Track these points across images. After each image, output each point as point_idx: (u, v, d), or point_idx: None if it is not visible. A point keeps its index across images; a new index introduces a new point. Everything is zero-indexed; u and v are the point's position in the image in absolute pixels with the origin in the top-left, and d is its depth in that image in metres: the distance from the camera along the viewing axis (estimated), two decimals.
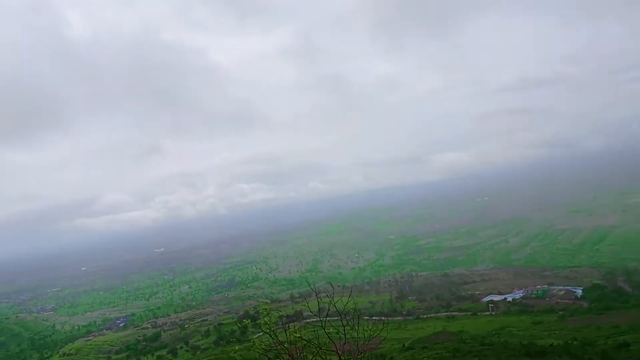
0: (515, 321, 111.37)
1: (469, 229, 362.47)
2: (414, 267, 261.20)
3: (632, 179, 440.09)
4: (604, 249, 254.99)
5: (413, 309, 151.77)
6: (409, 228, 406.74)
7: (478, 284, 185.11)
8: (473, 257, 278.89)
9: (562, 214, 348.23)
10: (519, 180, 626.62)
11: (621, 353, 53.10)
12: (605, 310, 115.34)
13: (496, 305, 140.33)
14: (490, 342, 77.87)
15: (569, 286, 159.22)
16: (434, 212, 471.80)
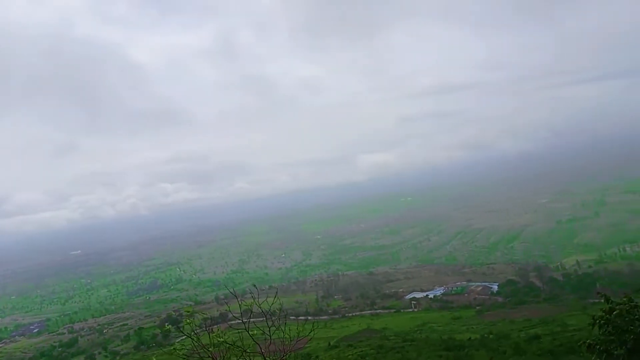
0: (436, 317, 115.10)
1: (393, 228, 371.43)
2: (340, 267, 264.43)
3: (542, 180, 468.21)
4: (518, 246, 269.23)
5: (339, 308, 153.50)
6: (335, 228, 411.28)
7: (401, 282, 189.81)
8: (397, 256, 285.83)
9: (479, 214, 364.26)
10: (440, 181, 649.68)
11: (532, 345, 56.10)
12: (519, 304, 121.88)
13: (418, 302, 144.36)
14: (413, 338, 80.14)
15: (486, 282, 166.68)
16: (359, 212, 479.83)
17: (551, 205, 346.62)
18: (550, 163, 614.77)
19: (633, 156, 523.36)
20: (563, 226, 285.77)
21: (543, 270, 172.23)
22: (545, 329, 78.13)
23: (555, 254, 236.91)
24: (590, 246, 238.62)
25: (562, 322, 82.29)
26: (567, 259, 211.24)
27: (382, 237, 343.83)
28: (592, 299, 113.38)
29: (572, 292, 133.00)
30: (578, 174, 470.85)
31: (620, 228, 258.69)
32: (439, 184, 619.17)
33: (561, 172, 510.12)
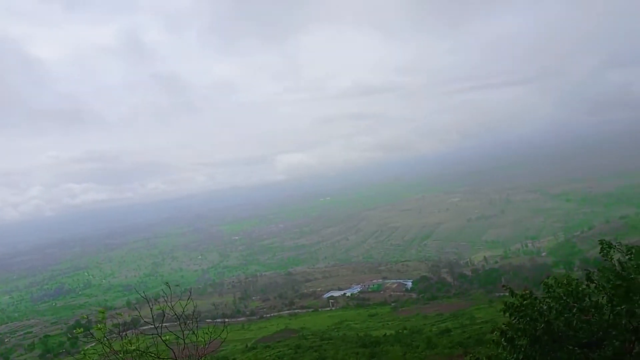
0: (353, 315, 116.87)
1: (312, 227, 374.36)
2: (259, 267, 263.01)
3: (454, 180, 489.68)
4: (431, 244, 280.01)
5: (257, 309, 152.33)
6: (253, 228, 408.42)
7: (320, 281, 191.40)
8: (315, 255, 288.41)
9: (395, 213, 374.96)
10: (358, 181, 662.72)
11: (443, 338, 58.23)
12: (431, 300, 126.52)
13: (336, 301, 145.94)
14: (330, 336, 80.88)
15: (401, 279, 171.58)
16: (278, 212, 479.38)
17: (462, 204, 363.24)
18: (462, 164, 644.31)
19: (536, 158, 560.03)
20: (473, 224, 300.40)
21: (454, 266, 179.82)
22: (456, 322, 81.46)
23: (465, 250, 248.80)
24: (497, 242, 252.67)
25: (471, 316, 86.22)
26: (476, 255, 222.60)
27: (301, 237, 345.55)
28: (497, 292, 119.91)
29: (480, 287, 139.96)
30: (487, 174, 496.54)
31: (523, 225, 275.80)
32: (358, 184, 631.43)
33: (471, 172, 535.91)
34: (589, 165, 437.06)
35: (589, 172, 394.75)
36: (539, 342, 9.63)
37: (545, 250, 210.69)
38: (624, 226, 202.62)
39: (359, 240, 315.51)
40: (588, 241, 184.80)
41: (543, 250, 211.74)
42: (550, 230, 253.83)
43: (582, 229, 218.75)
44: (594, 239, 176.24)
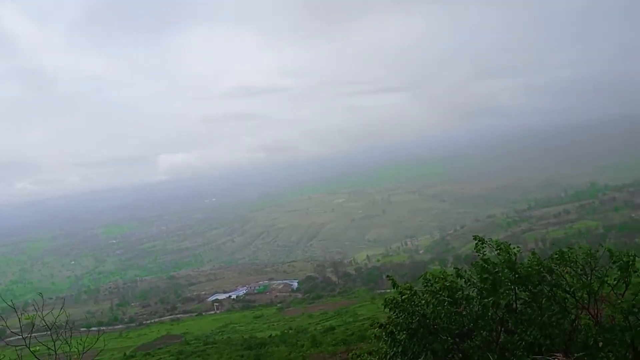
0: (238, 317, 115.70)
1: (197, 229, 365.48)
2: (138, 272, 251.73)
3: (338, 181, 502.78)
4: (316, 244, 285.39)
5: (136, 316, 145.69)
6: (133, 231, 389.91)
7: (204, 284, 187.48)
8: (200, 258, 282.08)
9: (282, 214, 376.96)
10: (244, 182, 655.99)
11: (328, 336, 59.52)
12: (316, 299, 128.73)
13: (221, 304, 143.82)
14: (214, 340, 79.46)
15: (287, 280, 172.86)
16: (160, 214, 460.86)
17: (347, 205, 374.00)
18: (346, 166, 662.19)
19: (413, 161, 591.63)
20: (356, 224, 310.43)
21: (338, 265, 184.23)
22: (339, 320, 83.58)
23: (349, 249, 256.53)
24: (379, 241, 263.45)
25: (354, 313, 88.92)
26: (360, 254, 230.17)
27: (184, 240, 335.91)
28: (379, 289, 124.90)
29: (363, 285, 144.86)
30: (370, 176, 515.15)
31: (402, 224, 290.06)
32: (244, 185, 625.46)
33: (355, 174, 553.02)
34: (460, 168, 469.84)
35: (462, 175, 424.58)
36: (417, 335, 10.09)
37: (422, 248, 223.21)
38: (491, 224, 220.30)
39: (245, 241, 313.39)
40: (460, 239, 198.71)
41: (421, 248, 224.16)
42: (427, 229, 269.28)
43: (455, 228, 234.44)
44: (465, 237, 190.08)
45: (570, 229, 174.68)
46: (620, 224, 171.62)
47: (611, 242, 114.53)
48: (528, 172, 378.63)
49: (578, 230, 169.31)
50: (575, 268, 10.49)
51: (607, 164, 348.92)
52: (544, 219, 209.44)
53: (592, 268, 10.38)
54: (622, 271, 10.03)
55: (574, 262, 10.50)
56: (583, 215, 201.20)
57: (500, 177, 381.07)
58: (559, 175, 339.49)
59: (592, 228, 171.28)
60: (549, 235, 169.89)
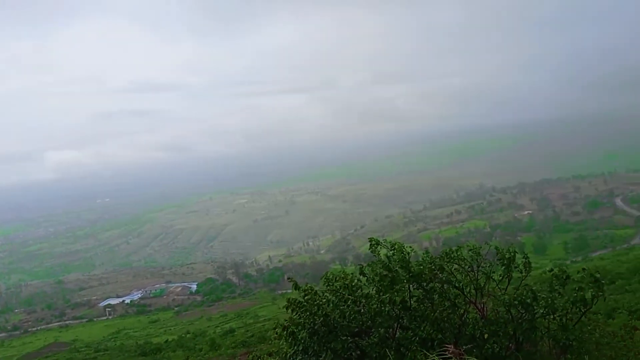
0: (132, 322, 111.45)
1: (89, 231, 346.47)
2: (23, 276, 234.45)
3: (241, 181, 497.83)
4: (217, 245, 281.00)
5: (20, 323, 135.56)
6: (17, 233, 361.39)
7: (96, 289, 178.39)
8: (91, 261, 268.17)
9: (181, 215, 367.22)
10: (141, 182, 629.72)
11: (227, 339, 58.86)
12: (216, 301, 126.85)
13: (114, 309, 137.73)
14: (106, 347, 76.00)
15: (185, 282, 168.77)
16: (48, 215, 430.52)
17: (249, 205, 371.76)
18: (248, 166, 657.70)
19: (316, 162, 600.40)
20: (259, 224, 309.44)
21: (240, 266, 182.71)
22: (240, 322, 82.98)
23: (251, 250, 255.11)
24: (281, 242, 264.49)
25: (255, 314, 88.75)
26: (261, 254, 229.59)
27: (75, 242, 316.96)
28: (280, 290, 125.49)
29: (265, 286, 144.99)
30: (272, 177, 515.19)
31: (305, 225, 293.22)
32: (140, 185, 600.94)
33: (258, 174, 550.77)
34: (360, 169, 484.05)
35: (362, 176, 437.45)
36: (317, 334, 10.17)
37: (324, 248, 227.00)
38: (389, 224, 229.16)
39: (141, 243, 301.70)
40: (360, 238, 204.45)
41: (322, 248, 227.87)
42: (329, 229, 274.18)
43: (356, 228, 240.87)
44: (365, 236, 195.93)
45: (461, 228, 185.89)
46: (505, 223, 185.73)
47: (497, 240, 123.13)
48: (423, 174, 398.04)
49: (468, 230, 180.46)
50: (463, 265, 11.08)
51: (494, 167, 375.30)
52: (438, 218, 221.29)
53: (479, 265, 11.03)
54: (505, 267, 10.77)
55: (463, 260, 11.09)
56: (472, 215, 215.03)
57: (398, 178, 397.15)
58: (451, 177, 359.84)
59: (481, 227, 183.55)
60: (442, 234, 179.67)
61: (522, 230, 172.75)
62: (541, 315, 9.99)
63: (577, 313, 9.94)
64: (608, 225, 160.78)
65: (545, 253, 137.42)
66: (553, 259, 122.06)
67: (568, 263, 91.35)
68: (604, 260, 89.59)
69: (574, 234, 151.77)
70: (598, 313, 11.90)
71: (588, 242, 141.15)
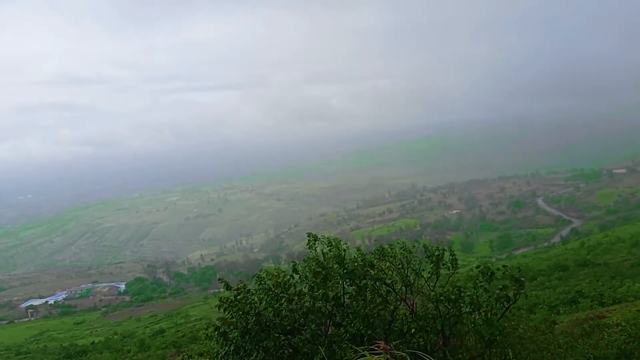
0: (56, 324, 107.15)
1: (9, 229, 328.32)
2: None
3: (171, 179, 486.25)
4: (148, 243, 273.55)
5: None
6: None
7: (17, 289, 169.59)
8: (12, 260, 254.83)
9: (108, 212, 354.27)
10: (65, 178, 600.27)
11: (157, 339, 57.69)
12: (146, 301, 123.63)
13: (36, 310, 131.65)
14: (28, 350, 73.04)
15: (114, 282, 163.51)
16: None
17: (181, 203, 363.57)
18: (178, 163, 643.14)
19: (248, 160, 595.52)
20: (191, 222, 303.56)
21: (171, 265, 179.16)
22: (170, 322, 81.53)
23: (183, 249, 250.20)
24: (214, 240, 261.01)
25: (186, 314, 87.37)
26: (193, 253, 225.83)
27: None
28: (213, 289, 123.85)
29: (196, 285, 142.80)
30: (204, 174, 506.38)
31: (238, 223, 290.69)
32: (64, 180, 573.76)
33: (189, 171, 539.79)
34: (294, 168, 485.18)
35: (296, 175, 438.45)
36: (249, 333, 10.14)
37: (257, 247, 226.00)
38: (323, 222, 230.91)
39: (66, 242, 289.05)
40: (294, 236, 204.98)
41: (255, 247, 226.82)
42: (262, 227, 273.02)
43: (290, 226, 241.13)
44: (299, 235, 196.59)
45: (393, 227, 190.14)
46: (435, 222, 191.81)
47: (427, 239, 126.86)
48: (357, 174, 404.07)
49: (399, 228, 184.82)
50: (394, 263, 11.37)
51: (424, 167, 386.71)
52: (370, 217, 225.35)
53: (409, 262, 11.35)
54: (434, 265, 11.15)
55: (394, 257, 11.38)
56: (404, 214, 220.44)
57: (333, 177, 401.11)
58: (384, 176, 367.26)
59: (412, 225, 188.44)
60: (374, 233, 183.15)
61: (450, 228, 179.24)
62: (467, 312, 10.40)
63: (500, 309, 10.40)
64: (530, 224, 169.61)
65: (473, 251, 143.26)
66: (479, 257, 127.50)
67: (493, 260, 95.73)
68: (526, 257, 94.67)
69: (499, 233, 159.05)
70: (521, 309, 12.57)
71: (512, 241, 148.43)
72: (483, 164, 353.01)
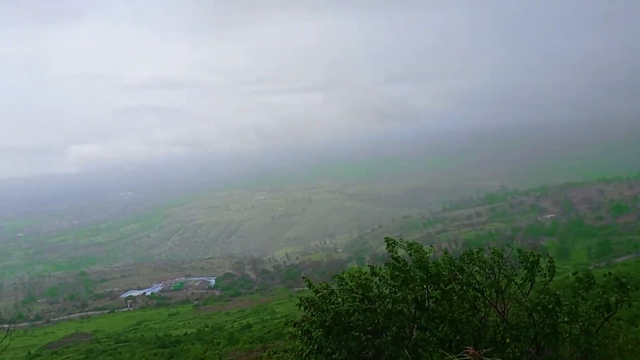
0: (152, 315, 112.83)
1: (111, 224, 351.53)
2: (47, 267, 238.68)
3: (257, 178, 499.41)
4: (236, 240, 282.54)
5: (43, 313, 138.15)
6: (42, 224, 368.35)
7: (118, 281, 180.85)
8: (114, 253, 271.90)
9: (200, 210, 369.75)
10: (160, 177, 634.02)
11: (245, 334, 59.23)
12: (234, 296, 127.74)
13: (135, 301, 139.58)
14: (127, 338, 77.05)
15: (204, 277, 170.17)
16: (71, 207, 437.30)
17: (267, 202, 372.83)
18: (263, 163, 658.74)
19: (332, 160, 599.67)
20: (277, 221, 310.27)
21: (257, 262, 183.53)
22: (257, 317, 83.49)
23: (269, 247, 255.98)
24: (298, 239, 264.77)
25: (272, 310, 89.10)
26: (279, 251, 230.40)
27: (97, 234, 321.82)
28: (297, 287, 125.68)
29: (282, 282, 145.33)
30: (289, 174, 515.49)
31: (322, 223, 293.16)
32: (160, 179, 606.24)
33: (274, 171, 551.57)
34: (377, 169, 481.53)
35: (379, 176, 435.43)
36: (332, 333, 10.15)
37: (340, 247, 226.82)
38: (407, 224, 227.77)
39: (161, 237, 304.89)
40: (377, 238, 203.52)
41: (339, 247, 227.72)
42: (346, 227, 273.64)
43: (373, 227, 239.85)
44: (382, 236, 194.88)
45: (481, 231, 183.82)
46: (527, 226, 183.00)
47: (518, 244, 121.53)
48: (441, 175, 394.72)
49: (488, 232, 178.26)
50: (484, 267, 10.93)
51: (514, 169, 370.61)
52: (457, 220, 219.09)
53: (500, 267, 10.87)
54: (528, 271, 10.60)
55: (484, 262, 10.94)
56: (493, 217, 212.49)
57: (416, 178, 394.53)
58: (471, 178, 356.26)
59: (502, 230, 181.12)
60: (461, 236, 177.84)
61: (544, 234, 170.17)
62: (564, 322, 9.82)
63: (600, 318, 9.74)
64: (633, 230, 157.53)
65: (568, 258, 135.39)
66: (576, 264, 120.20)
67: (591, 268, 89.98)
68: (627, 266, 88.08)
69: (597, 239, 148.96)
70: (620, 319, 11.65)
71: (612, 248, 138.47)
72: (578, 167, 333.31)
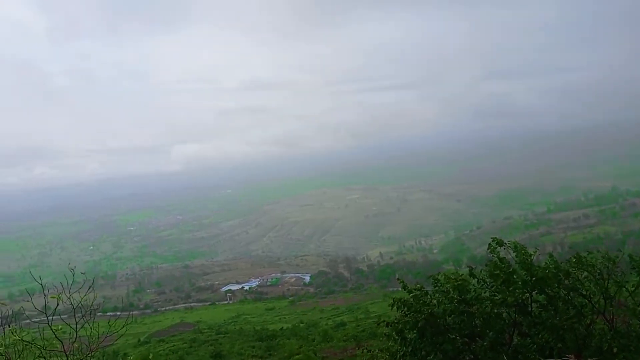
0: (250, 308, 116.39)
1: (212, 220, 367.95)
2: (155, 259, 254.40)
3: (351, 177, 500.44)
4: (330, 239, 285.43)
5: (151, 302, 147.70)
6: (150, 219, 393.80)
7: (218, 274, 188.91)
8: (214, 248, 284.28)
9: (295, 208, 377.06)
10: (257, 175, 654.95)
11: (339, 332, 59.62)
12: (328, 294, 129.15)
13: (234, 294, 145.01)
14: (226, 330, 79.98)
15: (299, 273, 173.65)
16: (176, 204, 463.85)
17: (361, 201, 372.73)
18: (356, 162, 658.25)
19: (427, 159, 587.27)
20: (370, 220, 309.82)
21: (351, 261, 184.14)
22: (351, 316, 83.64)
23: (362, 246, 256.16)
24: (392, 239, 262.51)
25: (366, 310, 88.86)
26: (373, 250, 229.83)
27: (200, 230, 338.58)
28: (392, 287, 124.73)
29: (375, 282, 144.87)
30: (383, 173, 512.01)
31: (417, 223, 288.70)
32: (257, 177, 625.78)
33: (366, 170, 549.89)
34: (475, 168, 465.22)
35: (476, 175, 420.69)
36: (426, 335, 10.10)
37: (436, 248, 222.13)
38: (507, 226, 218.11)
39: (259, 234, 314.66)
40: (476, 239, 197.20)
41: (435, 248, 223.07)
42: (442, 228, 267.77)
43: (471, 228, 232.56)
44: (481, 238, 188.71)
45: (590, 234, 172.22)
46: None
47: (630, 249, 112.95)
48: (545, 174, 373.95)
49: (597, 235, 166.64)
50: (592, 272, 10.41)
51: (627, 168, 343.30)
52: (563, 222, 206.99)
53: (610, 273, 10.30)
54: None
55: (592, 267, 10.42)
56: (603, 220, 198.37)
57: (517, 178, 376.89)
58: (577, 178, 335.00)
59: (611, 233, 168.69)
60: (568, 239, 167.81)
61: None
62: None
63: None
64: None
65: None
66: None
67: None
68: None
69: None
70: None
71: None
72: None
